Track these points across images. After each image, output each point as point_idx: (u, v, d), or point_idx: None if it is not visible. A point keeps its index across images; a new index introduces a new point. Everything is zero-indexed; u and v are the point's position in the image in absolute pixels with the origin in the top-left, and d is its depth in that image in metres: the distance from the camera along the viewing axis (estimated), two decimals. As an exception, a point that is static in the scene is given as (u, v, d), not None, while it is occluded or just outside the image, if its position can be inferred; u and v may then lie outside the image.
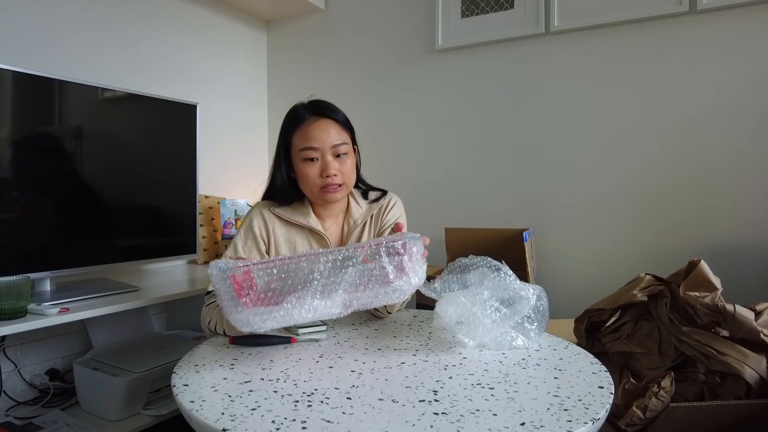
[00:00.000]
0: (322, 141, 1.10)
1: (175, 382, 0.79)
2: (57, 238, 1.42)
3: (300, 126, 1.13)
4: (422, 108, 2.17)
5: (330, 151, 1.11)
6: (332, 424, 0.64)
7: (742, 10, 1.60)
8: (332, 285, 0.83)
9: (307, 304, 0.81)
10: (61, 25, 1.71)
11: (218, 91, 2.32)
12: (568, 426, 0.62)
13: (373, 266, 0.84)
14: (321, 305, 0.82)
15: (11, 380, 1.50)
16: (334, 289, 0.82)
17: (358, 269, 0.84)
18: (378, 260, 0.85)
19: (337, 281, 0.83)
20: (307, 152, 1.11)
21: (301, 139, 1.12)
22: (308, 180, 1.12)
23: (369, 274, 0.84)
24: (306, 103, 1.16)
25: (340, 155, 1.12)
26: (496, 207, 2.02)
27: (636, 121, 1.76)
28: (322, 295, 0.82)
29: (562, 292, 1.84)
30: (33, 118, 1.39)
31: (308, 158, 1.11)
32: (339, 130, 1.13)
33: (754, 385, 0.99)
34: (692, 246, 1.67)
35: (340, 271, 0.84)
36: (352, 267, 0.84)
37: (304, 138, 1.11)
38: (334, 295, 0.82)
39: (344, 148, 1.12)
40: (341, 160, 1.12)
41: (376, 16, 2.27)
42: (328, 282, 0.83)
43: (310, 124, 1.12)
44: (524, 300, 0.92)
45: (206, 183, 2.10)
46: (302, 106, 1.16)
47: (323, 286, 0.82)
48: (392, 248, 0.86)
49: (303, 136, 1.12)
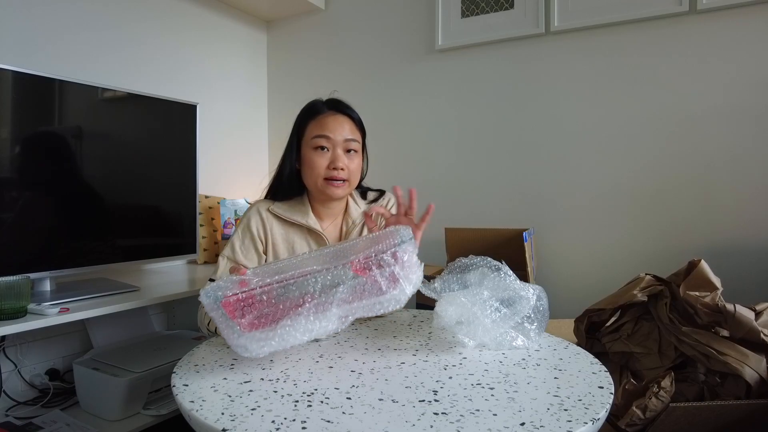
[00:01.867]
0: (336, 132, 1.12)
1: (175, 382, 0.79)
2: (57, 238, 1.41)
3: (316, 117, 1.15)
4: (422, 108, 2.17)
5: (341, 145, 1.12)
6: (332, 424, 0.64)
7: (742, 10, 1.60)
8: (324, 304, 0.81)
9: (302, 327, 0.80)
10: (61, 25, 1.71)
11: (218, 91, 2.32)
12: (568, 426, 0.62)
13: (365, 280, 0.83)
14: (316, 326, 0.81)
15: (11, 380, 1.50)
16: (327, 308, 0.81)
17: (349, 285, 0.83)
18: (369, 273, 0.84)
19: (329, 300, 0.81)
20: (320, 140, 1.12)
21: (316, 127, 1.13)
22: (314, 169, 1.12)
23: (361, 288, 0.83)
24: (324, 100, 1.19)
25: (350, 151, 1.14)
26: (496, 207, 2.02)
27: (636, 121, 1.76)
28: (315, 316, 0.80)
29: (562, 292, 1.84)
30: (33, 118, 1.39)
31: (319, 146, 1.12)
32: (353, 128, 1.16)
33: (754, 385, 0.99)
34: (692, 246, 1.67)
35: (331, 290, 0.82)
36: (342, 285, 0.82)
37: (319, 127, 1.13)
38: (328, 313, 0.81)
39: (355, 146, 1.14)
40: (350, 157, 1.14)
41: (376, 16, 2.27)
42: (320, 302, 0.81)
43: (327, 116, 1.14)
44: (524, 300, 0.92)
45: (206, 183, 2.10)
46: (320, 101, 1.19)
47: (315, 306, 0.81)
48: (382, 260, 0.84)
49: (318, 124, 1.14)
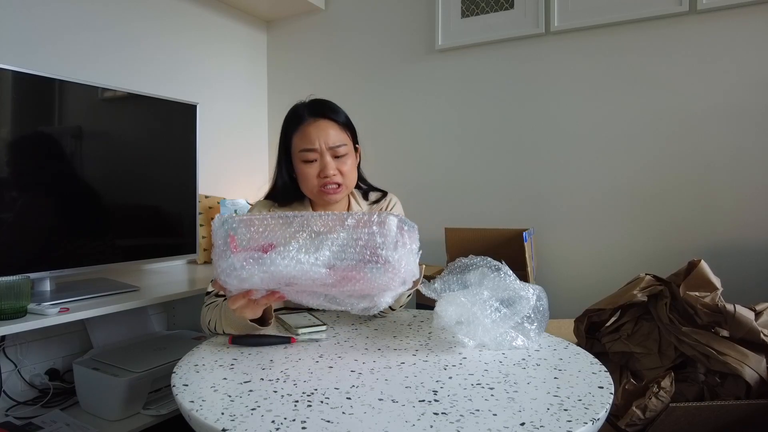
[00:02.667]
0: (320, 142, 1.10)
1: (174, 382, 0.79)
2: (57, 238, 1.41)
3: (299, 127, 1.13)
4: (422, 108, 2.17)
5: (328, 152, 1.11)
6: (332, 424, 0.64)
7: (742, 10, 1.60)
8: (319, 241, 0.80)
9: (291, 255, 0.79)
10: (61, 25, 1.71)
11: (218, 91, 2.31)
12: (568, 426, 0.62)
13: (364, 239, 0.81)
14: (304, 258, 0.79)
15: (11, 380, 1.50)
16: (320, 247, 0.80)
17: (346, 236, 0.81)
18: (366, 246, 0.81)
19: (326, 241, 0.80)
20: (306, 154, 1.11)
21: (300, 140, 1.12)
22: (307, 181, 1.12)
23: (355, 243, 0.81)
24: (306, 103, 1.16)
25: (339, 156, 1.12)
26: (496, 207, 2.02)
27: (636, 121, 1.76)
28: (307, 250, 0.80)
29: (562, 292, 1.84)
30: (33, 118, 1.39)
31: (307, 160, 1.11)
32: (338, 131, 1.13)
33: (754, 386, 0.99)
34: (692, 246, 1.67)
35: (328, 235, 0.81)
36: (341, 233, 0.81)
37: (303, 139, 1.11)
38: (319, 253, 0.80)
39: (343, 150, 1.12)
40: (341, 161, 1.12)
41: (376, 16, 2.27)
42: (316, 239, 0.81)
43: (309, 125, 1.11)
44: (524, 300, 0.92)
45: (206, 183, 2.10)
46: (303, 105, 1.15)
47: (310, 239, 0.81)
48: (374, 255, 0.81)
49: (302, 137, 1.12)
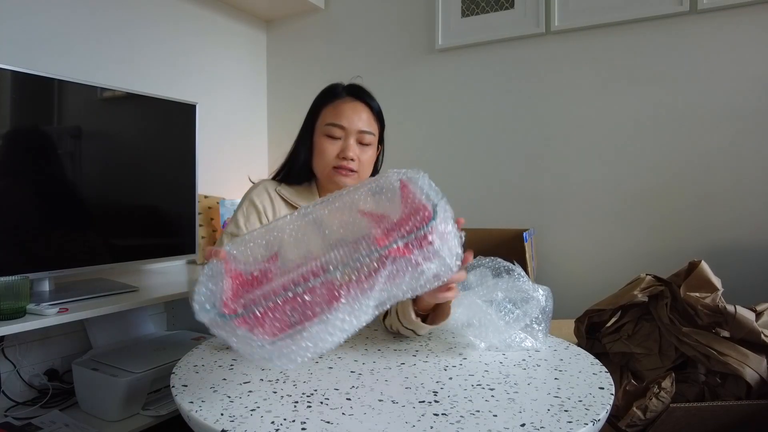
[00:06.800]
0: (351, 122, 1.07)
1: (174, 383, 0.79)
2: (56, 238, 1.41)
3: (334, 101, 1.10)
4: (422, 108, 2.17)
5: (355, 135, 1.08)
6: (332, 425, 0.63)
7: (742, 10, 1.60)
8: (359, 297, 0.64)
9: (337, 327, 0.63)
10: (61, 25, 1.71)
11: (218, 91, 2.31)
12: (568, 427, 0.62)
13: (404, 263, 0.66)
14: (353, 324, 0.65)
15: (10, 380, 1.49)
16: (363, 301, 0.64)
17: (387, 273, 0.65)
18: (408, 255, 0.66)
19: (365, 291, 0.64)
20: (333, 129, 1.07)
21: (331, 113, 1.09)
22: (323, 156, 1.08)
23: (400, 272, 0.66)
24: (346, 84, 1.14)
25: (364, 144, 1.09)
26: (496, 207, 2.01)
27: (636, 121, 1.76)
28: (351, 313, 0.64)
29: (562, 292, 1.82)
30: (32, 118, 1.39)
31: (331, 135, 1.07)
32: (371, 118, 1.11)
33: (755, 386, 0.99)
34: (692, 246, 1.67)
35: (364, 278, 0.64)
36: (381, 271, 0.64)
37: (335, 113, 1.08)
38: (364, 305, 0.65)
39: (369, 138, 1.09)
40: (363, 149, 1.09)
41: (376, 16, 2.27)
42: (355, 295, 0.64)
43: (344, 103, 1.09)
44: (534, 301, 0.92)
45: (205, 183, 2.10)
46: (341, 84, 1.13)
47: (351, 300, 0.64)
48: (423, 240, 0.67)
49: (334, 111, 1.09)
